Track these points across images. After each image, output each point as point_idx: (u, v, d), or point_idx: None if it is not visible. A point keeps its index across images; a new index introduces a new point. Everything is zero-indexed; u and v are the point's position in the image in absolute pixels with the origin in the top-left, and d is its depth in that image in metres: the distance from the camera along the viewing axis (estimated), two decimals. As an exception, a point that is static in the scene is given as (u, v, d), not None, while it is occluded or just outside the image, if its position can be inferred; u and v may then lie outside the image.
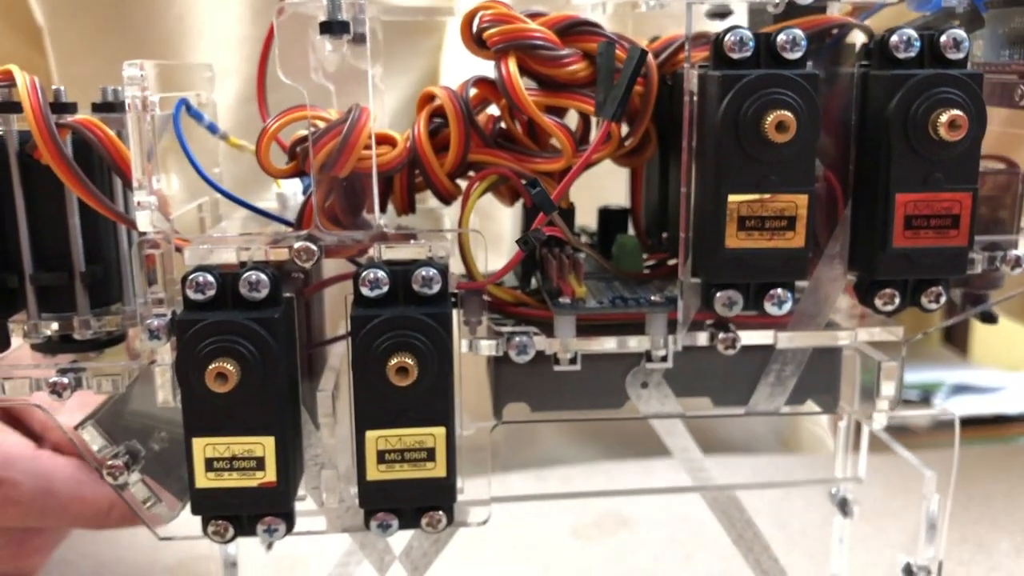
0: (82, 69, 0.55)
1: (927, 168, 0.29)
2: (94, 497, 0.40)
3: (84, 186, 0.29)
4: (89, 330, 0.32)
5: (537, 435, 0.64)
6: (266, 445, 0.29)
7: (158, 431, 0.33)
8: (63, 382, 0.30)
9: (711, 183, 0.28)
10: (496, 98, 0.33)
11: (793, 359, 0.32)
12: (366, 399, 0.29)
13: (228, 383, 0.27)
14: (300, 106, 0.30)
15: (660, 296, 0.32)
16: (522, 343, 0.30)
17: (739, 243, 0.28)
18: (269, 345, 0.28)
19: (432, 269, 0.29)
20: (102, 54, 0.55)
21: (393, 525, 0.30)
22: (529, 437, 0.63)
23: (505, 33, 0.30)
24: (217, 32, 0.55)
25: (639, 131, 0.32)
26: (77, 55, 0.56)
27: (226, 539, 0.30)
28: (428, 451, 0.29)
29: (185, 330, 0.28)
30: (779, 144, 0.27)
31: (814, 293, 0.31)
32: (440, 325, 0.29)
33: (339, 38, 0.29)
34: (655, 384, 0.32)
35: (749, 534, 0.34)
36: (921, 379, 1.14)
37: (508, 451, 0.62)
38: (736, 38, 0.28)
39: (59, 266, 0.31)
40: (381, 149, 0.31)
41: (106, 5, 0.55)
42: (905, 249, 0.29)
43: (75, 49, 0.56)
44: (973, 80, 0.28)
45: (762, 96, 0.27)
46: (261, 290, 0.28)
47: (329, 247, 0.30)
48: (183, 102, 0.32)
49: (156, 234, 0.29)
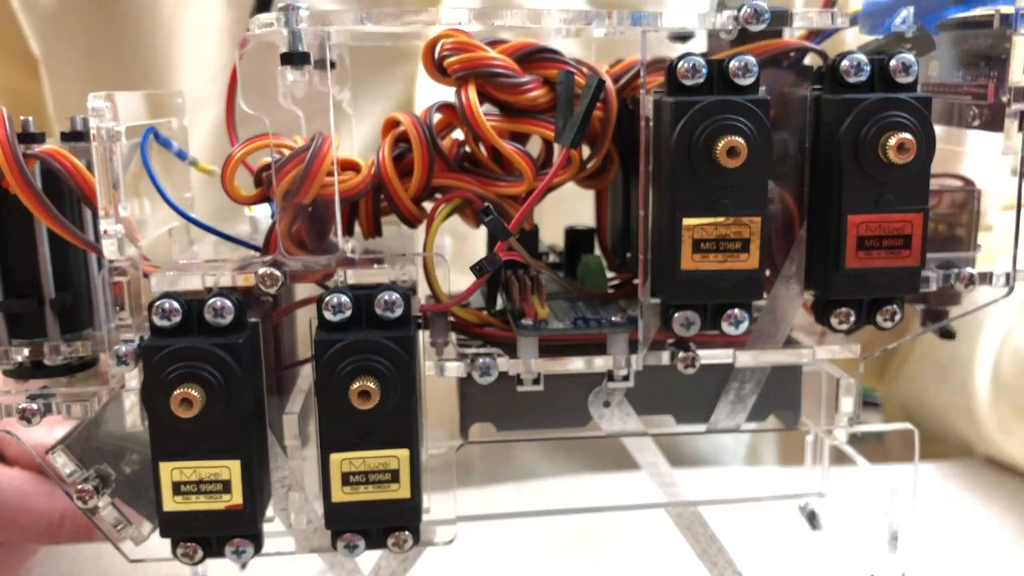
0: (76, 97, 0.56)
1: (878, 190, 0.29)
2: (44, 509, 0.40)
3: (52, 215, 0.30)
4: (59, 356, 0.32)
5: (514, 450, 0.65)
6: (232, 468, 0.29)
7: (130, 453, 0.34)
8: (32, 407, 0.30)
9: (667, 206, 0.29)
10: (460, 123, 0.33)
11: (752, 377, 0.33)
12: (330, 422, 0.29)
13: (193, 408, 0.28)
14: (266, 134, 0.31)
15: (622, 316, 0.32)
16: (485, 364, 0.31)
17: (695, 265, 0.29)
18: (233, 370, 0.28)
19: (395, 293, 0.29)
20: (95, 81, 0.55)
21: (360, 546, 0.30)
22: (506, 452, 0.64)
23: (465, 61, 0.31)
24: (200, 60, 0.56)
25: (600, 154, 0.33)
26: (70, 83, 0.56)
27: (195, 561, 0.30)
28: (392, 472, 0.29)
29: (151, 356, 0.28)
30: (731, 169, 0.28)
31: (771, 312, 0.32)
32: (403, 348, 0.29)
33: (300, 68, 0.29)
34: (617, 403, 0.33)
35: (713, 549, 0.35)
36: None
37: (485, 466, 0.62)
38: (689, 65, 0.29)
39: (29, 293, 0.32)
40: (346, 175, 0.32)
41: (97, 35, 0.56)
42: (858, 269, 0.30)
43: (69, 77, 0.57)
44: (922, 103, 0.29)
45: (714, 122, 0.28)
46: (226, 316, 0.29)
47: (294, 272, 0.30)
48: (151, 130, 0.33)
49: (124, 261, 0.30)
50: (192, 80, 0.56)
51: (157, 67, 0.56)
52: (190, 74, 0.56)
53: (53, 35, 0.56)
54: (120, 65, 0.57)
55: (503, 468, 0.62)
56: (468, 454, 0.33)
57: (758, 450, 0.69)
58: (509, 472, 0.62)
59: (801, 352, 0.32)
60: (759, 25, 0.30)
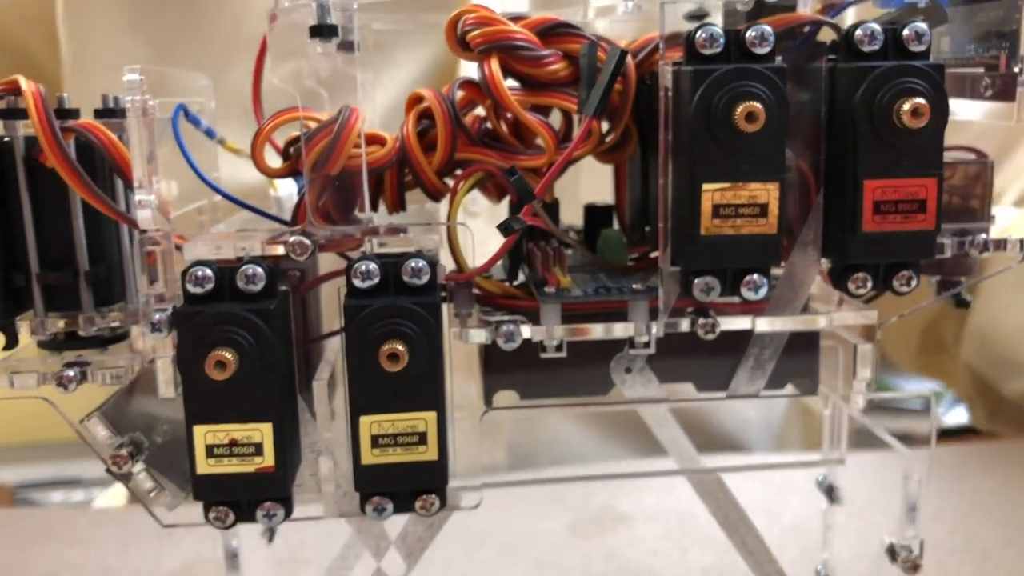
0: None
1: (893, 155, 0.30)
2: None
3: (87, 187, 0.31)
4: (93, 326, 0.33)
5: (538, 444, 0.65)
6: (264, 431, 0.30)
7: (160, 424, 0.35)
8: (69, 375, 0.31)
9: (686, 173, 0.30)
10: (481, 99, 0.34)
11: (771, 343, 0.34)
12: (360, 385, 0.30)
13: (227, 371, 0.29)
14: (293, 108, 0.32)
15: (642, 285, 0.33)
16: (509, 331, 0.32)
17: (714, 230, 0.30)
18: (265, 335, 0.29)
19: (421, 260, 0.30)
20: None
21: (388, 509, 0.31)
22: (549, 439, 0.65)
23: (487, 35, 0.32)
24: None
25: (619, 127, 0.34)
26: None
27: (227, 524, 0.31)
28: (420, 435, 0.30)
29: (185, 321, 0.29)
30: (749, 134, 0.29)
31: (789, 279, 0.32)
32: (429, 313, 0.30)
33: (329, 41, 0.30)
34: (639, 369, 0.34)
35: (734, 516, 0.35)
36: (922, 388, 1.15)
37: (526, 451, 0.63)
38: (707, 35, 0.29)
39: (64, 265, 0.32)
40: (371, 148, 0.33)
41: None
42: (875, 233, 0.30)
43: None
44: (935, 70, 0.30)
45: (732, 89, 0.29)
46: (258, 282, 0.30)
47: (323, 241, 0.31)
48: (181, 107, 0.34)
49: (156, 232, 0.31)
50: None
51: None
52: None
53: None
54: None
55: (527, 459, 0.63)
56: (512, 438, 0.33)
57: (784, 439, 0.70)
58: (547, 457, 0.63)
59: (819, 318, 0.33)
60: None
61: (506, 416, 0.34)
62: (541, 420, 0.64)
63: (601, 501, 0.58)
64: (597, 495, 0.58)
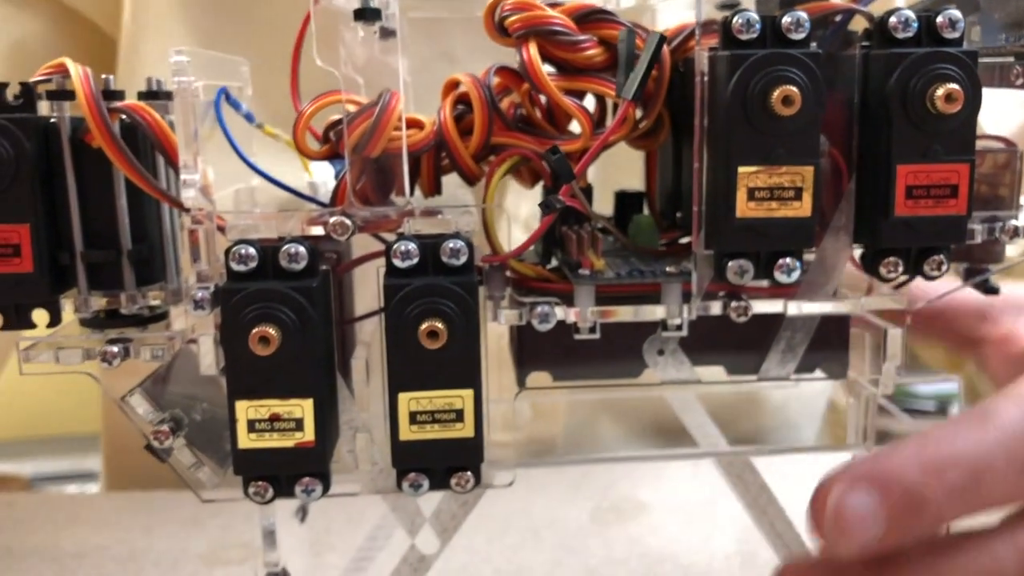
0: None
1: (926, 140, 0.30)
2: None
3: (133, 167, 0.31)
4: (135, 305, 0.33)
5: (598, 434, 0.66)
6: (305, 407, 0.30)
7: (199, 402, 0.35)
8: (113, 351, 0.32)
9: (722, 157, 0.30)
10: (516, 85, 0.35)
11: (802, 326, 0.34)
12: (399, 363, 0.30)
13: (270, 346, 0.29)
14: (334, 91, 0.32)
15: (675, 268, 0.34)
16: (544, 312, 0.32)
17: (749, 212, 0.30)
18: (308, 312, 0.30)
19: (460, 241, 0.31)
20: None
21: (424, 485, 0.32)
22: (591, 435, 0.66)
23: (526, 20, 0.32)
24: None
25: (653, 113, 0.34)
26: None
27: (266, 499, 0.32)
28: (457, 412, 0.31)
29: (229, 298, 0.30)
30: (785, 118, 0.29)
31: (821, 264, 0.33)
32: (467, 293, 0.30)
33: (371, 25, 0.31)
34: (671, 351, 0.34)
35: (763, 498, 0.36)
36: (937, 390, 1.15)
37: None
38: (743, 20, 0.30)
39: (108, 244, 0.33)
40: (410, 131, 0.33)
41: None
42: (907, 218, 0.31)
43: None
44: (968, 57, 0.30)
45: (768, 73, 0.29)
46: (300, 261, 0.30)
47: (363, 221, 0.32)
48: (223, 90, 0.34)
49: (200, 212, 0.31)
50: None
51: None
52: None
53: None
54: None
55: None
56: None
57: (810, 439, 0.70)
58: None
59: (850, 302, 0.33)
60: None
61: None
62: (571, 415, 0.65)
63: (622, 490, 0.58)
64: (618, 484, 0.59)
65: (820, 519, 0.31)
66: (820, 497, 0.32)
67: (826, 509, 0.31)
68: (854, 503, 0.31)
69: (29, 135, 0.31)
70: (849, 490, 0.31)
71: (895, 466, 0.31)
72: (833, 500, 0.31)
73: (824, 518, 0.31)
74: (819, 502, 0.32)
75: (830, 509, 0.31)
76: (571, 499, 0.57)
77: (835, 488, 0.31)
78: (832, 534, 0.31)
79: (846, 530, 0.31)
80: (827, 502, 0.31)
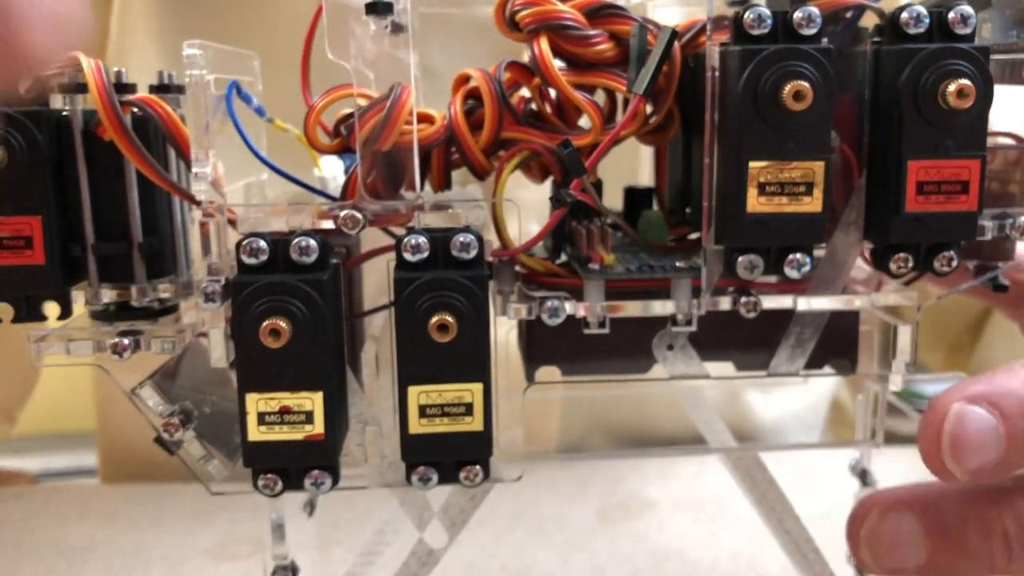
0: None
1: (937, 136, 0.30)
2: None
3: (145, 160, 0.31)
4: (146, 298, 0.34)
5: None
6: (315, 400, 0.30)
7: (209, 395, 0.35)
8: (123, 343, 0.32)
9: (732, 151, 0.30)
10: (527, 80, 0.35)
11: (812, 322, 0.34)
12: (409, 356, 0.30)
13: (281, 339, 0.29)
14: (345, 85, 0.32)
15: (685, 263, 0.34)
16: (554, 306, 0.32)
17: (760, 207, 0.30)
18: (318, 305, 0.30)
19: (470, 235, 0.31)
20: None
21: (433, 479, 0.32)
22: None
23: (537, 14, 0.32)
24: None
25: (663, 108, 0.34)
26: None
27: (275, 492, 0.32)
28: (466, 406, 0.31)
29: (240, 291, 0.30)
30: (796, 112, 0.29)
31: (831, 259, 0.33)
32: (477, 287, 0.30)
33: (382, 19, 0.31)
34: (680, 347, 0.34)
35: (772, 494, 0.36)
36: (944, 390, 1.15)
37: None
38: (755, 15, 0.30)
39: (119, 237, 0.33)
40: (420, 126, 0.33)
41: None
42: (917, 214, 0.31)
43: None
44: (980, 52, 0.30)
45: (780, 68, 0.29)
46: (311, 254, 0.30)
47: (373, 215, 0.32)
48: (234, 84, 0.34)
49: (210, 204, 0.31)
50: None
51: None
52: None
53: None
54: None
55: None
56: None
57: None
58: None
59: (860, 297, 0.33)
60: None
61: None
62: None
63: (629, 488, 0.58)
64: (625, 482, 0.59)
65: (936, 438, 0.30)
66: (935, 416, 0.30)
67: (944, 425, 0.30)
68: (975, 420, 0.29)
69: (41, 128, 0.31)
70: (969, 406, 0.30)
71: (1017, 387, 0.30)
72: (953, 416, 0.30)
73: (939, 436, 0.30)
74: (933, 424, 0.30)
75: (949, 424, 0.29)
76: (578, 496, 0.57)
77: (953, 404, 0.30)
78: (950, 451, 0.29)
79: (966, 448, 0.29)
80: (943, 420, 0.30)
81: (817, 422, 0.72)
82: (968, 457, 0.30)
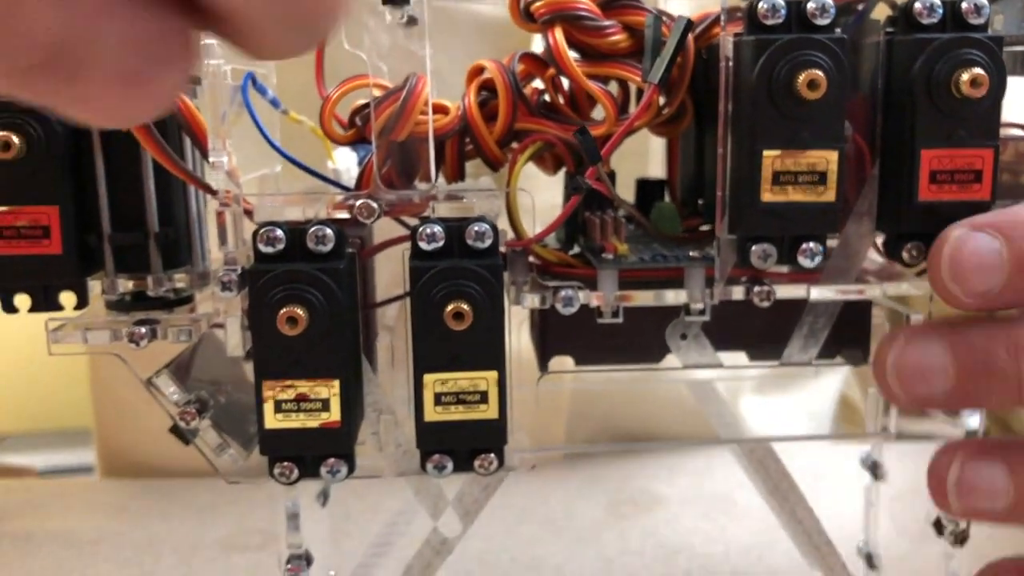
0: None
1: (950, 125, 0.31)
2: None
3: (162, 149, 0.31)
4: (162, 287, 0.34)
5: None
6: (331, 388, 0.31)
7: (223, 386, 0.36)
8: (140, 331, 0.32)
9: (746, 141, 0.30)
10: (540, 72, 0.35)
11: (825, 311, 0.34)
12: (424, 344, 0.31)
13: (298, 327, 0.29)
14: (360, 75, 0.33)
15: (698, 253, 0.34)
16: (568, 296, 0.32)
17: (773, 197, 0.30)
18: (335, 293, 0.30)
19: (485, 224, 0.31)
20: None
21: (448, 467, 0.32)
22: None
23: (552, 5, 0.32)
24: None
25: (676, 99, 0.34)
26: None
27: (291, 480, 0.32)
28: (482, 394, 0.31)
29: (257, 279, 0.30)
30: (810, 102, 0.29)
31: (844, 249, 0.33)
32: (492, 275, 0.30)
33: (398, 9, 0.31)
34: (693, 336, 0.34)
35: (785, 485, 0.36)
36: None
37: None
38: (769, 5, 0.30)
39: (135, 227, 0.33)
40: (435, 116, 0.33)
41: None
42: (930, 202, 0.31)
43: None
44: (994, 42, 0.30)
45: (794, 57, 0.29)
46: (327, 243, 0.30)
47: (389, 204, 0.32)
48: (250, 75, 0.34)
49: (227, 194, 0.31)
50: None
51: None
52: None
53: None
54: None
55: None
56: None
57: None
58: None
59: (873, 287, 0.33)
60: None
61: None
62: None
63: (638, 483, 0.58)
64: (634, 477, 0.59)
65: (939, 262, 0.29)
66: (941, 242, 0.29)
67: (944, 248, 0.29)
68: (976, 242, 0.29)
69: (59, 117, 0.31)
70: (972, 232, 0.29)
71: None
72: (953, 239, 0.29)
73: (941, 261, 0.29)
74: (938, 249, 0.29)
75: (948, 249, 0.29)
76: (587, 491, 0.57)
77: (955, 231, 0.29)
78: (949, 272, 0.29)
79: (966, 272, 0.29)
80: (943, 246, 0.29)
81: (825, 421, 0.72)
82: (968, 278, 0.29)
